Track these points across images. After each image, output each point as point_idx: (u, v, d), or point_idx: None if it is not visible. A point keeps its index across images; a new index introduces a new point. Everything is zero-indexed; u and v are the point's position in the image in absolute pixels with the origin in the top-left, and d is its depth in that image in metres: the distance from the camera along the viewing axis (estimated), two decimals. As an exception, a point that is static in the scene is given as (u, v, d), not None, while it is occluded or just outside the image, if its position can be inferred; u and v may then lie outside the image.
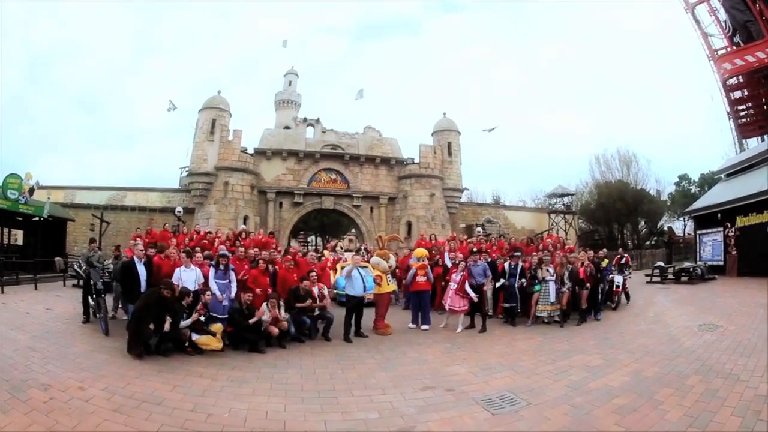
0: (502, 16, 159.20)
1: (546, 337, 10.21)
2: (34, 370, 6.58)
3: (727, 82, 17.72)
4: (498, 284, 11.90)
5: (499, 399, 6.08)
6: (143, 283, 9.40)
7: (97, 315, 9.96)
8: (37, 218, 21.52)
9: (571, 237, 35.04)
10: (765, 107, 19.13)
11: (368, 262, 11.88)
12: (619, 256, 16.66)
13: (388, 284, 11.52)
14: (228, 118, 31.36)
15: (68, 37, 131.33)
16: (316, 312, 9.92)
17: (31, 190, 21.94)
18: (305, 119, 34.53)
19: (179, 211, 26.28)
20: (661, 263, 25.73)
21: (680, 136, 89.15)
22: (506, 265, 12.03)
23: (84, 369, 6.78)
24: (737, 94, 19.03)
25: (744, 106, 19.79)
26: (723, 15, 16.44)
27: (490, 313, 11.88)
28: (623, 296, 14.81)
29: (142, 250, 9.80)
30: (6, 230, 23.75)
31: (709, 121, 72.82)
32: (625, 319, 12.40)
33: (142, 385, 6.20)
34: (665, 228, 44.76)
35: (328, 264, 14.18)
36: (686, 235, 44.25)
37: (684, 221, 46.54)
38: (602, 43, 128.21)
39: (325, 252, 18.14)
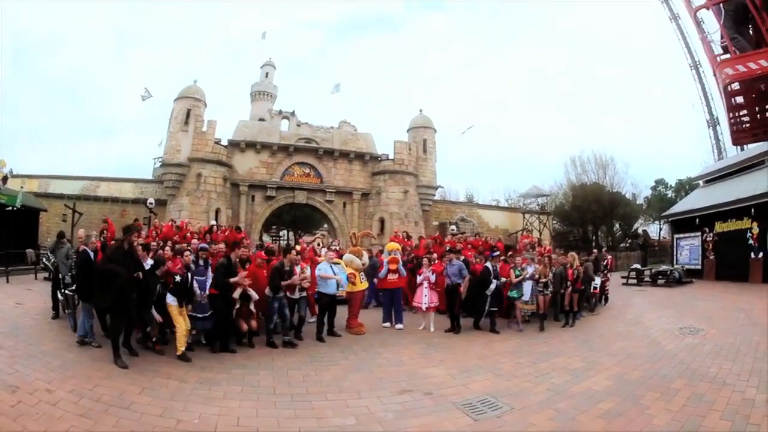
0: (483, 16, 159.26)
1: (524, 339, 10.03)
2: (2, 370, 6.40)
3: (728, 87, 17.77)
4: (493, 286, 10.86)
5: (480, 403, 5.87)
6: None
7: (66, 310, 9.70)
8: (9, 208, 20.27)
9: (546, 237, 35.09)
10: (758, 116, 19.30)
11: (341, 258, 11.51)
12: (602, 257, 16.40)
13: (361, 282, 11.20)
14: (203, 108, 30.78)
15: (49, 26, 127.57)
16: (297, 295, 9.29)
17: (5, 179, 21.11)
18: (280, 111, 34.05)
19: (151, 203, 25.87)
20: (638, 265, 26.03)
21: (657, 143, 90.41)
22: (489, 265, 11.16)
23: (52, 369, 6.61)
24: (739, 99, 19.17)
25: (741, 113, 20.02)
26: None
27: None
28: (601, 297, 14.79)
29: (93, 242, 9.02)
30: None
31: (686, 129, 74.43)
32: (603, 322, 12.32)
33: (110, 386, 5.96)
34: (640, 231, 45.25)
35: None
36: (661, 238, 45.07)
37: (659, 225, 47.38)
38: (582, 48, 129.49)
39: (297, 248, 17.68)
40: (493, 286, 10.73)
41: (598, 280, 14.10)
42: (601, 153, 47.03)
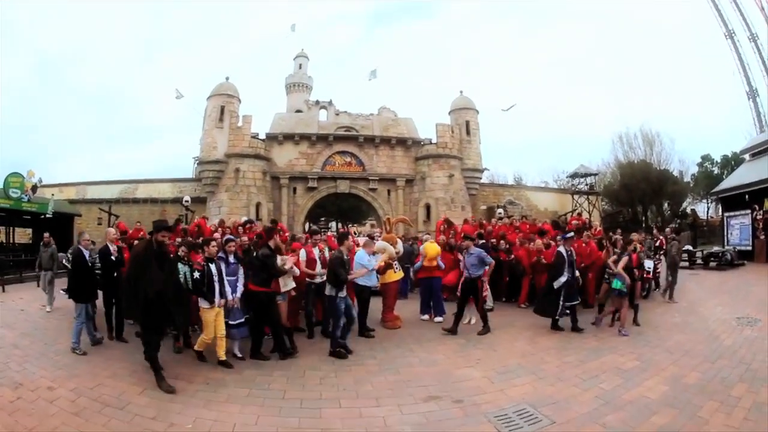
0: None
1: (571, 331, 9.07)
2: (11, 368, 6.58)
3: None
4: (563, 279, 9.11)
5: (516, 415, 5.00)
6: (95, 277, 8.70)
7: None
8: (42, 216, 21.23)
9: (595, 218, 33.55)
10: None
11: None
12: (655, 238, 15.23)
13: (395, 271, 10.11)
14: (237, 104, 30.16)
15: (77, 38, 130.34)
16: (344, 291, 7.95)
17: (34, 188, 21.67)
18: (317, 102, 33.21)
19: (187, 201, 25.53)
20: (689, 247, 24.33)
21: (697, 117, 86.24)
22: (562, 250, 9.38)
23: (60, 367, 6.70)
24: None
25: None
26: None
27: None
28: (653, 283, 13.64)
29: (87, 239, 8.75)
30: (11, 229, 24.48)
31: (726, 101, 71.16)
32: (657, 310, 11.24)
33: (112, 386, 5.91)
34: (688, 210, 43.44)
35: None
36: (709, 217, 43.37)
37: (707, 203, 45.70)
38: (613, 24, 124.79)
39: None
40: (563, 279, 9.08)
41: (650, 263, 12.79)
42: (648, 128, 45.24)
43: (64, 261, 12.46)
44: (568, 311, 9.29)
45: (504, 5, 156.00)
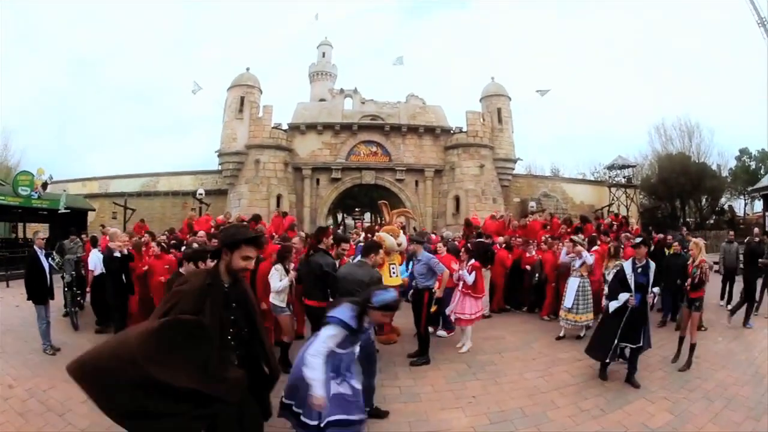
0: None
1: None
2: None
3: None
4: (622, 299, 6.38)
5: None
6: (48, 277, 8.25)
7: (69, 309, 10.02)
8: (60, 211, 21.49)
9: (633, 213, 31.91)
10: None
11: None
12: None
13: (391, 276, 8.05)
14: (258, 94, 29.06)
15: (113, 38, 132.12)
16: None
17: (44, 185, 22.15)
18: (341, 90, 31.72)
19: (200, 194, 24.71)
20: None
21: (734, 106, 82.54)
22: (626, 266, 6.65)
23: (28, 367, 6.80)
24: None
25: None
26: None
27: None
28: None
29: (43, 239, 8.54)
30: (22, 225, 25.78)
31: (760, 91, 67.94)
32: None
33: (63, 390, 5.67)
34: (726, 207, 41.39)
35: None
36: (745, 215, 41.37)
37: (744, 199, 43.49)
38: (646, 14, 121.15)
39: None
40: (623, 298, 6.36)
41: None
42: (686, 119, 43.03)
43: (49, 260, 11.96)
44: (622, 358, 6.79)
45: None
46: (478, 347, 7.96)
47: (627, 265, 6.61)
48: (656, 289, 6.96)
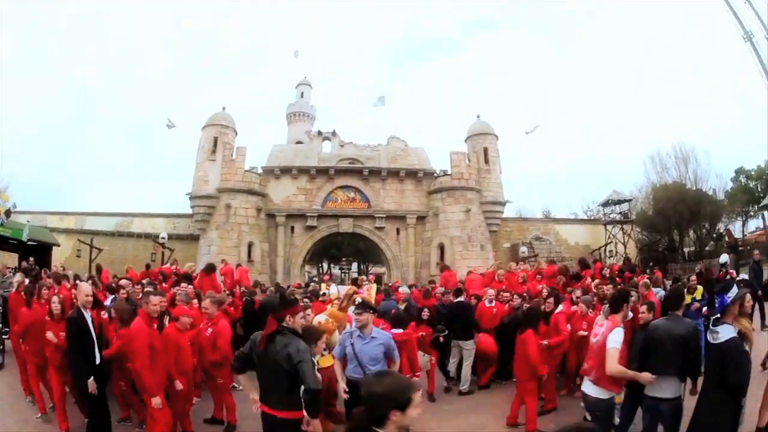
0: (538, 25, 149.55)
1: None
2: None
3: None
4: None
5: None
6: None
7: None
8: (29, 242, 20.66)
9: (631, 249, 30.62)
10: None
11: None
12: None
13: (323, 355, 6.41)
14: (233, 135, 27.91)
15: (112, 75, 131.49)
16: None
17: (8, 213, 20.53)
18: (319, 132, 30.35)
19: (163, 238, 23.31)
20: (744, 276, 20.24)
21: (724, 126, 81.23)
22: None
23: None
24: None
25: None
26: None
27: None
28: None
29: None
30: None
31: (748, 107, 66.77)
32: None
33: None
34: (722, 231, 39.40)
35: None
36: (744, 236, 40.00)
37: (742, 220, 42.17)
38: (624, 44, 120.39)
39: (323, 286, 12.82)
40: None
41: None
42: (681, 145, 41.32)
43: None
44: None
45: (523, 36, 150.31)
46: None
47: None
48: None
